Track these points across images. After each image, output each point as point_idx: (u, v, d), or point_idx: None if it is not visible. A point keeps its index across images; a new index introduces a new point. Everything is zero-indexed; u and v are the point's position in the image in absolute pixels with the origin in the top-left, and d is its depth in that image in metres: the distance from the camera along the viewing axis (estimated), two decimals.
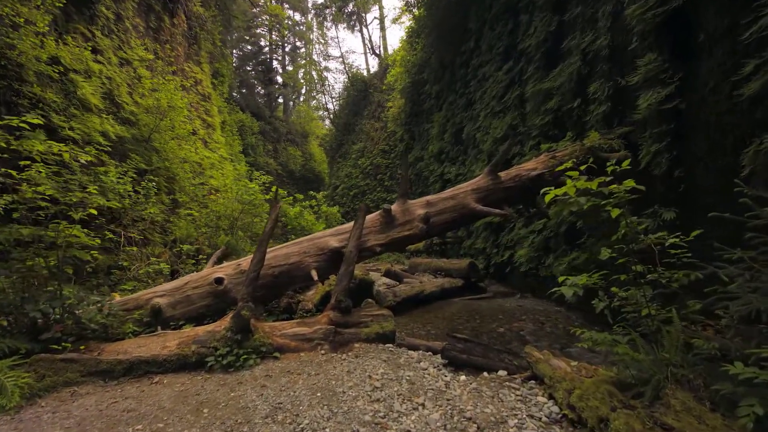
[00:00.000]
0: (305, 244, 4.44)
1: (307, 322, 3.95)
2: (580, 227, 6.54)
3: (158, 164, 9.40)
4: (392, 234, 4.48)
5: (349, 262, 4.18)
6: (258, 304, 4.28)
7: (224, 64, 21.70)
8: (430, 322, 5.99)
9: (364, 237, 4.43)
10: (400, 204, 4.69)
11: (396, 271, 8.97)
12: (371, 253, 4.43)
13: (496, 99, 10.41)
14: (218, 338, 3.39)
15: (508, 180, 4.89)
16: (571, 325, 5.35)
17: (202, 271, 4.33)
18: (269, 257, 4.29)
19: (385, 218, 4.52)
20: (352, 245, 4.22)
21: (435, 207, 4.64)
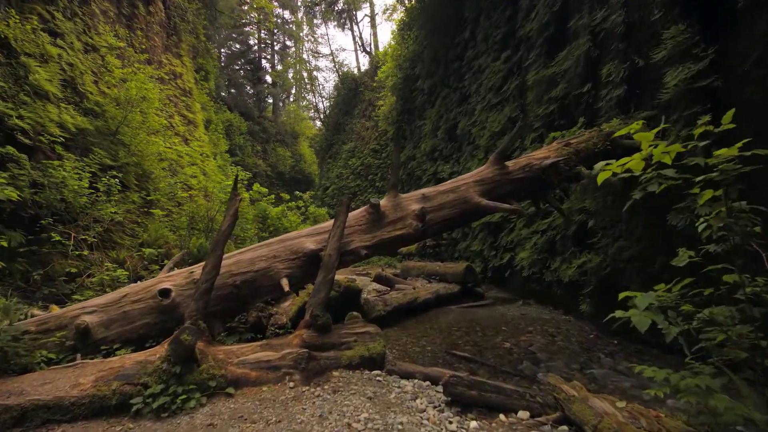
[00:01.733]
0: (275, 246, 3.61)
1: (274, 344, 3.12)
2: (592, 226, 5.81)
3: (126, 159, 8.48)
4: (381, 234, 3.67)
5: (327, 268, 3.37)
6: (215, 322, 3.44)
7: (209, 60, 20.77)
8: (425, 334, 5.20)
9: (347, 237, 3.61)
10: (390, 198, 3.89)
11: (387, 275, 8.17)
12: (356, 257, 3.61)
13: (493, 91, 9.69)
14: (150, 371, 2.54)
15: (516, 170, 4.12)
16: (588, 344, 4.61)
17: (145, 281, 3.49)
18: (229, 263, 3.46)
19: (373, 215, 3.71)
20: (332, 248, 3.41)
21: (432, 202, 3.85)
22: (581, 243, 6.00)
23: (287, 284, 3.39)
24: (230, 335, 3.66)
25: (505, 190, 4.08)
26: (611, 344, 4.71)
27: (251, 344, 3.08)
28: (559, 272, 6.27)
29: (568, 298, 6.19)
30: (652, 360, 4.19)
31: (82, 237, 6.25)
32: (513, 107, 8.65)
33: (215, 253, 3.09)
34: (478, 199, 3.88)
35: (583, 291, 5.48)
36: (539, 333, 5.12)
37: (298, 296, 4.71)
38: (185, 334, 2.53)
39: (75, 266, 6.59)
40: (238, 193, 3.18)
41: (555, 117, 6.94)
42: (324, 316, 3.27)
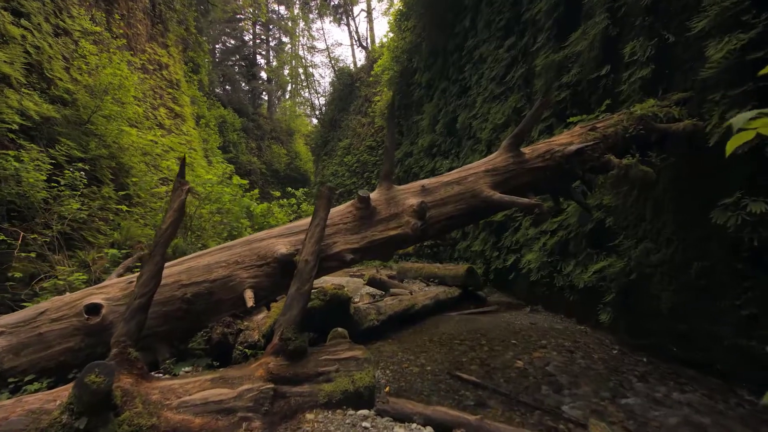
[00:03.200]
0: (239, 249, 2.86)
1: (230, 377, 2.38)
2: (610, 225, 5.11)
3: (98, 152, 7.69)
4: (371, 234, 2.94)
5: (302, 278, 2.63)
6: (161, 345, 2.70)
7: (200, 53, 19.92)
8: (424, 349, 4.47)
9: (329, 239, 2.88)
10: (383, 190, 3.16)
11: (382, 278, 7.44)
12: (339, 262, 2.88)
13: (496, 81, 8.97)
14: (45, 426, 1.81)
15: (534, 158, 3.40)
16: (609, 354, 3.85)
17: (72, 294, 2.74)
18: (179, 271, 2.72)
19: (361, 211, 2.98)
20: (309, 252, 2.67)
21: (434, 195, 3.12)
22: (598, 244, 5.29)
23: (252, 297, 2.65)
24: (182, 361, 2.92)
25: (520, 181, 3.36)
26: (640, 363, 4.01)
27: (199, 378, 2.34)
28: (572, 277, 5.56)
29: (582, 305, 5.49)
30: (692, 384, 3.49)
31: (33, 236, 5.46)
32: (518, 97, 7.93)
33: (153, 259, 2.34)
34: (488, 192, 3.15)
35: (603, 299, 4.77)
36: (554, 347, 4.41)
37: (275, 306, 3.97)
38: (93, 375, 1.79)
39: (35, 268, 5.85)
40: (185, 181, 2.43)
41: (567, 105, 6.23)
42: (297, 340, 2.54)
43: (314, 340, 4.59)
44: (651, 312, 4.36)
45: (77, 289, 4.92)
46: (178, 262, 2.81)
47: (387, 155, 3.15)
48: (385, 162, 3.18)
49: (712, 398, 3.21)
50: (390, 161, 3.17)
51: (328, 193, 2.76)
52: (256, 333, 3.50)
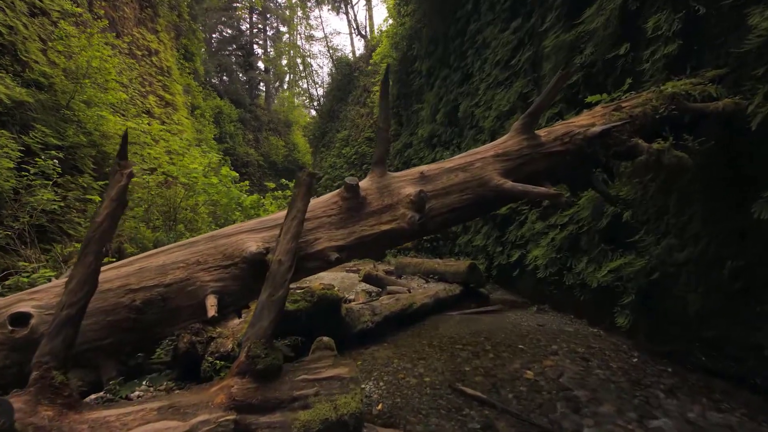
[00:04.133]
0: (201, 246, 2.39)
1: (183, 405, 1.93)
2: (627, 219, 4.63)
3: (76, 139, 7.19)
4: (360, 228, 2.47)
5: (276, 282, 2.17)
6: (106, 361, 2.24)
7: (194, 41, 19.27)
8: (422, 355, 4.03)
9: (309, 234, 2.41)
10: (375, 178, 2.68)
11: (378, 275, 6.99)
12: (322, 262, 2.41)
13: (501, 66, 8.44)
14: None
15: (551, 142, 2.92)
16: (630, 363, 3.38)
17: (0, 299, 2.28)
18: (127, 273, 2.25)
19: (349, 202, 2.50)
20: (284, 250, 2.21)
21: (434, 183, 2.64)
22: (614, 240, 4.83)
23: (214, 305, 2.18)
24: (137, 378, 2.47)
25: (535, 168, 2.88)
26: (664, 373, 3.56)
27: (143, 406, 1.88)
28: (584, 275, 5.10)
29: (595, 306, 5.04)
30: (727, 400, 3.05)
31: None
32: (524, 82, 7.41)
33: (84, 260, 1.87)
34: (498, 180, 2.67)
35: (620, 300, 4.32)
36: (567, 354, 3.97)
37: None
38: None
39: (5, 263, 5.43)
40: (127, 163, 1.95)
41: (579, 88, 5.72)
42: (268, 357, 2.08)
43: (300, 347, 4.15)
44: (675, 316, 3.91)
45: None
46: (128, 262, 2.34)
47: (380, 137, 2.67)
48: (378, 145, 2.69)
49: (754, 419, 2.77)
50: (384, 144, 2.68)
51: (308, 179, 2.28)
52: (230, 341, 3.05)
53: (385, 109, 2.67)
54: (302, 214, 2.27)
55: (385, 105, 2.67)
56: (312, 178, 2.30)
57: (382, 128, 2.63)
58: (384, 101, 2.64)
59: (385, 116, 2.64)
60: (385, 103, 2.65)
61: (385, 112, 2.64)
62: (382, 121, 2.64)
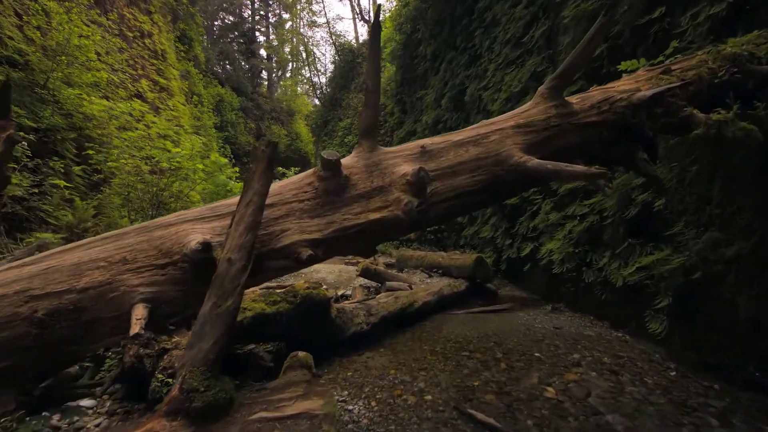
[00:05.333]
0: (131, 239, 1.82)
1: None
2: (659, 209, 4.00)
3: (54, 121, 6.64)
4: (341, 217, 1.89)
5: (223, 288, 1.60)
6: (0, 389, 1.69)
7: (192, 25, 18.59)
8: (423, 365, 3.47)
9: (275, 224, 1.83)
10: (362, 153, 2.09)
11: (377, 269, 6.42)
12: (291, 261, 1.84)
13: (512, 44, 7.73)
14: None
15: (586, 111, 2.30)
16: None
17: None
18: (33, 273, 1.70)
19: (326, 182, 1.91)
20: (234, 246, 1.63)
21: (438, 160, 2.05)
22: (643, 233, 4.21)
23: (143, 318, 1.62)
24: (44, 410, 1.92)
25: (566, 142, 2.27)
26: (710, 391, 2.97)
27: None
28: (607, 272, 4.49)
29: (619, 307, 4.44)
30: None
31: None
32: (538, 60, 6.72)
33: None
34: (520, 157, 2.07)
35: (654, 303, 3.71)
36: (592, 366, 3.38)
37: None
38: None
39: None
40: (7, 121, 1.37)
41: (603, 62, 5.04)
42: (210, 391, 1.52)
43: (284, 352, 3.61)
44: (722, 322, 3.31)
45: None
46: (35, 259, 1.77)
47: (368, 100, 2.06)
48: (365, 110, 2.09)
49: None
50: (373, 108, 2.07)
51: (269, 151, 1.69)
52: None
53: (375, 64, 2.06)
54: (261, 197, 1.69)
55: (375, 59, 2.06)
56: (274, 149, 1.71)
57: (370, 89, 2.02)
58: (373, 53, 2.03)
59: (374, 73, 2.03)
60: (375, 56, 2.04)
61: (374, 68, 2.03)
62: (371, 80, 2.03)
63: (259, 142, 1.69)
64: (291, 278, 7.30)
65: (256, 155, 1.70)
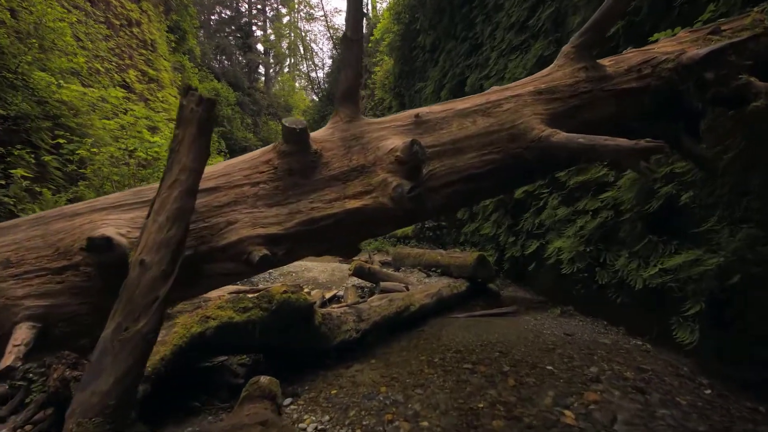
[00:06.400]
0: (21, 234, 1.36)
1: None
2: (686, 202, 3.52)
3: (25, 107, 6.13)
4: (310, 205, 1.40)
5: (134, 304, 1.12)
6: None
7: (186, 17, 18.02)
8: (419, 379, 2.99)
9: (216, 214, 1.34)
10: (339, 122, 1.61)
11: (371, 268, 5.94)
12: (238, 264, 1.36)
13: (515, 29, 7.23)
14: None
15: (623, 75, 1.84)
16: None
17: None
18: None
19: (289, 160, 1.42)
20: (151, 244, 1.15)
21: (437, 133, 1.57)
22: (666, 229, 3.74)
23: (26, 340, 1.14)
24: None
25: (598, 113, 1.79)
26: (756, 415, 2.52)
27: None
28: (624, 273, 4.02)
29: (637, 312, 3.98)
30: None
31: None
32: (545, 43, 6.22)
33: None
34: (542, 130, 1.60)
35: (685, 310, 3.24)
36: (613, 382, 2.91)
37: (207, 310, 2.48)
38: None
39: None
40: None
41: (619, 41, 4.55)
42: None
43: (263, 364, 3.15)
44: (764, 332, 2.85)
45: None
46: None
47: (348, 55, 1.57)
48: (344, 71, 1.60)
49: None
50: (353, 67, 1.59)
51: (201, 111, 1.21)
52: None
53: (356, 9, 1.56)
54: (193, 176, 1.21)
55: (356, 3, 1.57)
56: (210, 108, 1.22)
57: (351, 37, 1.53)
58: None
59: (355, 17, 1.54)
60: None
61: (355, 9, 1.54)
62: (352, 26, 1.54)
63: (187, 98, 1.21)
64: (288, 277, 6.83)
65: (183, 116, 1.22)
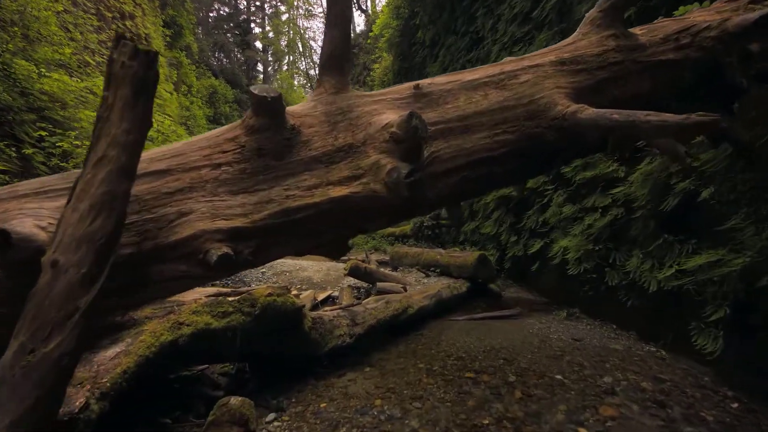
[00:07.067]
0: None
1: None
2: (707, 198, 3.25)
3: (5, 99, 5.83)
4: (283, 194, 1.12)
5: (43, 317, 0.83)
6: None
7: (183, 12, 17.70)
8: (418, 392, 2.72)
9: (169, 202, 1.06)
10: (323, 93, 1.32)
11: (367, 267, 5.67)
12: (192, 265, 1.09)
13: (518, 21, 6.96)
14: None
15: (658, 44, 1.54)
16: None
17: None
18: None
19: (261, 136, 1.13)
20: (68, 239, 0.86)
21: (442, 107, 1.28)
22: (683, 228, 3.47)
23: None
24: None
25: (630, 89, 1.52)
26: None
27: None
28: (637, 274, 3.75)
29: (649, 315, 3.71)
30: None
31: None
32: (550, 34, 5.95)
33: None
34: (567, 106, 1.31)
35: (706, 315, 2.97)
36: (631, 394, 2.64)
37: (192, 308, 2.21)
38: None
39: None
40: None
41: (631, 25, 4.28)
42: None
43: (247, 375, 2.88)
44: None
45: None
46: None
47: (334, 14, 1.29)
48: (330, 32, 1.32)
49: None
50: (341, 30, 1.30)
51: (137, 66, 0.92)
52: (84, 391, 1.75)
53: None
54: (126, 152, 0.93)
55: None
56: (149, 64, 0.93)
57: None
58: None
59: None
60: None
61: None
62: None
63: (118, 51, 0.93)
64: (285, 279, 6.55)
65: (112, 74, 0.94)
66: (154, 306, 2.29)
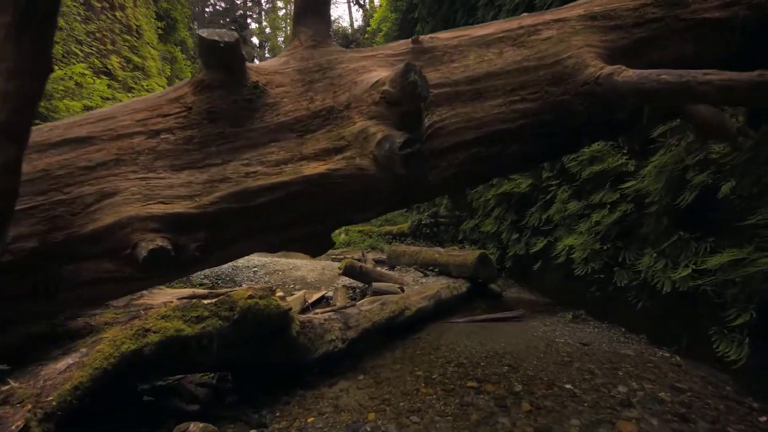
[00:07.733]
0: None
1: None
2: (726, 193, 3.01)
3: None
4: (242, 170, 0.84)
5: None
6: None
7: (176, 5, 17.34)
8: (415, 404, 2.46)
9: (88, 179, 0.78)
10: (297, 49, 1.05)
11: (363, 267, 5.40)
12: (122, 263, 0.79)
13: (520, 10, 6.71)
14: None
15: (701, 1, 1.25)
16: None
17: None
18: None
19: (212, 96, 0.82)
20: None
21: (448, 67, 1.02)
22: (699, 224, 3.23)
23: None
24: None
25: (671, 51, 1.24)
26: None
27: None
28: (649, 274, 3.51)
29: (662, 318, 3.47)
30: None
31: None
32: None
33: None
34: (599, 68, 1.03)
35: (731, 319, 2.72)
36: (650, 407, 2.39)
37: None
38: None
39: None
40: None
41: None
42: None
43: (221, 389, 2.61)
44: None
45: None
46: None
47: None
48: None
49: None
50: None
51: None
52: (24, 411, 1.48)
53: None
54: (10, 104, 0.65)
55: None
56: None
57: None
58: None
59: None
60: None
61: None
62: None
63: None
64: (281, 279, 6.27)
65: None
66: (117, 310, 2.02)
